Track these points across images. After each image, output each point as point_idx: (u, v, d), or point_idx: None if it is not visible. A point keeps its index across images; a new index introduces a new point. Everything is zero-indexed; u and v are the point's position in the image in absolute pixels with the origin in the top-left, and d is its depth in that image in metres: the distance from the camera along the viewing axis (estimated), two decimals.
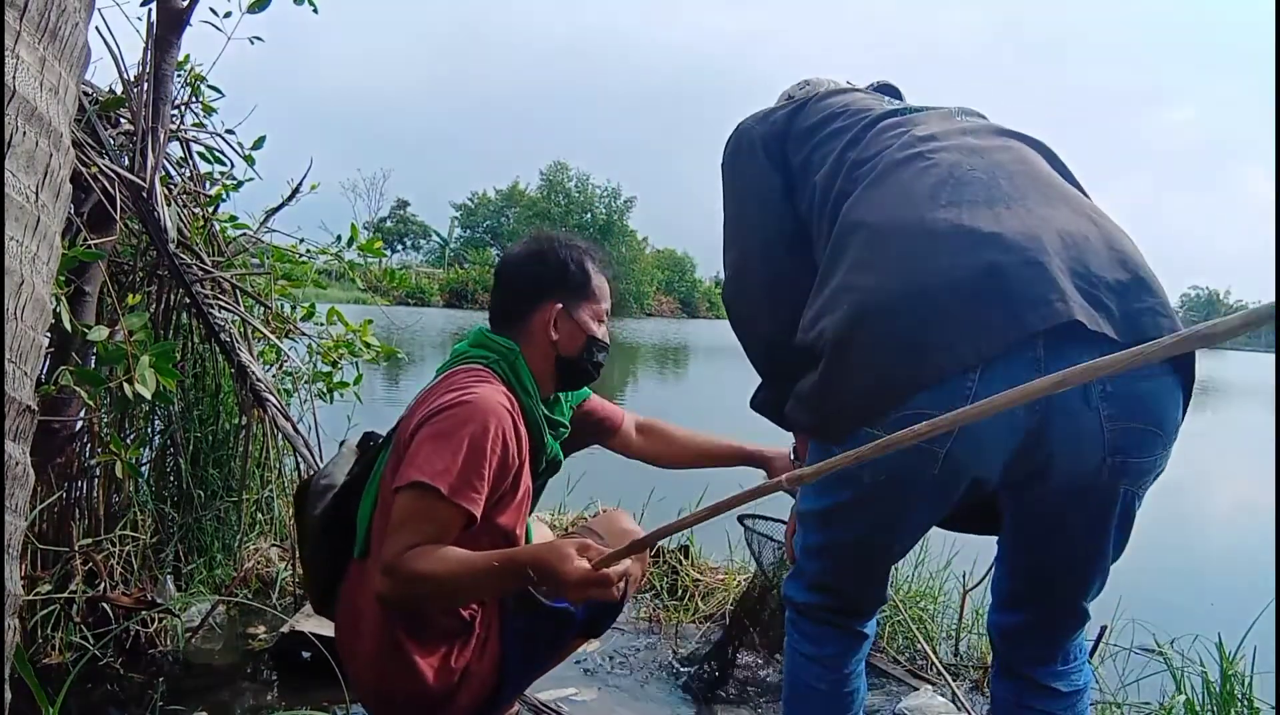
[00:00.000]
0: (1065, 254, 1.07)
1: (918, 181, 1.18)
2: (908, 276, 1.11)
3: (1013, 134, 1.30)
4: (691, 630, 2.39)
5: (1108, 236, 1.12)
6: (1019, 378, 0.95)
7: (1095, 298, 1.05)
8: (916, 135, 1.27)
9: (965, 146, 1.23)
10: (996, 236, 1.08)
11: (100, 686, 1.86)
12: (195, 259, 2.24)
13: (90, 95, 2.04)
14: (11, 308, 0.95)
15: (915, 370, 1.08)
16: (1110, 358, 0.69)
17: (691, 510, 2.95)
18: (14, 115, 0.95)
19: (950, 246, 1.09)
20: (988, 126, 1.31)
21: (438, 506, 1.31)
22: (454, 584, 1.28)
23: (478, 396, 1.39)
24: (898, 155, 1.24)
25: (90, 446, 2.20)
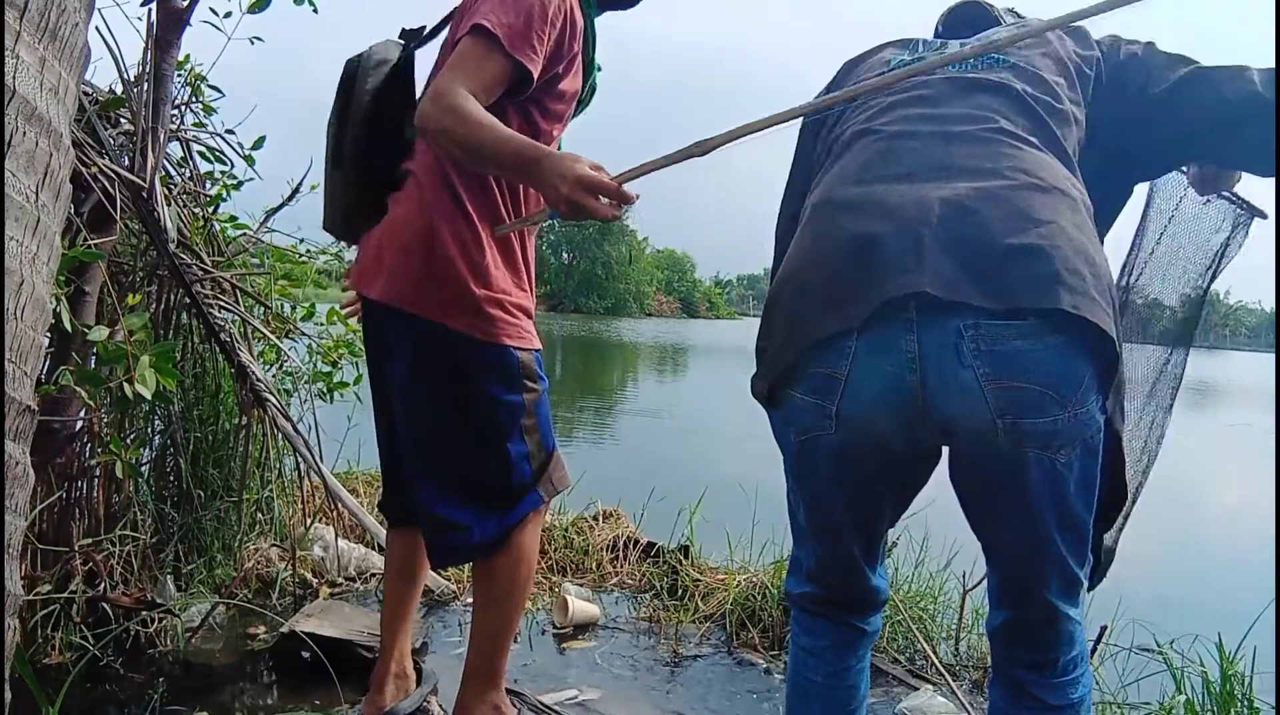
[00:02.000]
0: (949, 223, 1.09)
1: (858, 157, 1.26)
2: (813, 248, 1.21)
3: (997, 86, 1.27)
4: (691, 630, 2.39)
5: (1024, 208, 1.11)
6: (894, 341, 1.09)
7: (973, 267, 1.07)
8: (884, 104, 1.31)
9: (918, 116, 1.26)
10: (883, 206, 1.14)
11: (100, 686, 1.86)
12: (195, 259, 2.24)
13: (90, 95, 2.04)
14: (11, 308, 0.95)
15: (809, 329, 1.16)
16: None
17: (691, 510, 2.95)
18: (14, 115, 0.95)
19: (848, 218, 1.18)
20: (973, 82, 1.29)
21: (494, 54, 1.33)
22: (479, 136, 1.28)
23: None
24: (857, 128, 1.31)
25: (90, 446, 2.20)
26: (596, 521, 2.99)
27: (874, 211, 1.15)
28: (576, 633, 2.34)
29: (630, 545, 2.86)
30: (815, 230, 1.23)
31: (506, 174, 1.35)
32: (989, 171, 1.15)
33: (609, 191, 1.20)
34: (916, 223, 1.10)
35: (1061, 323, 1.05)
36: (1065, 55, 1.33)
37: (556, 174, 1.20)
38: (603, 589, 2.67)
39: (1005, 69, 1.30)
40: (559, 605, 2.41)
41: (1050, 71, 1.30)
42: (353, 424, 2.73)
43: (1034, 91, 1.26)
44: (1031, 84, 1.27)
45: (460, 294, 1.46)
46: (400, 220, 1.49)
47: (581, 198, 1.19)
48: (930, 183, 1.14)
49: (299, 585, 2.44)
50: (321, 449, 2.53)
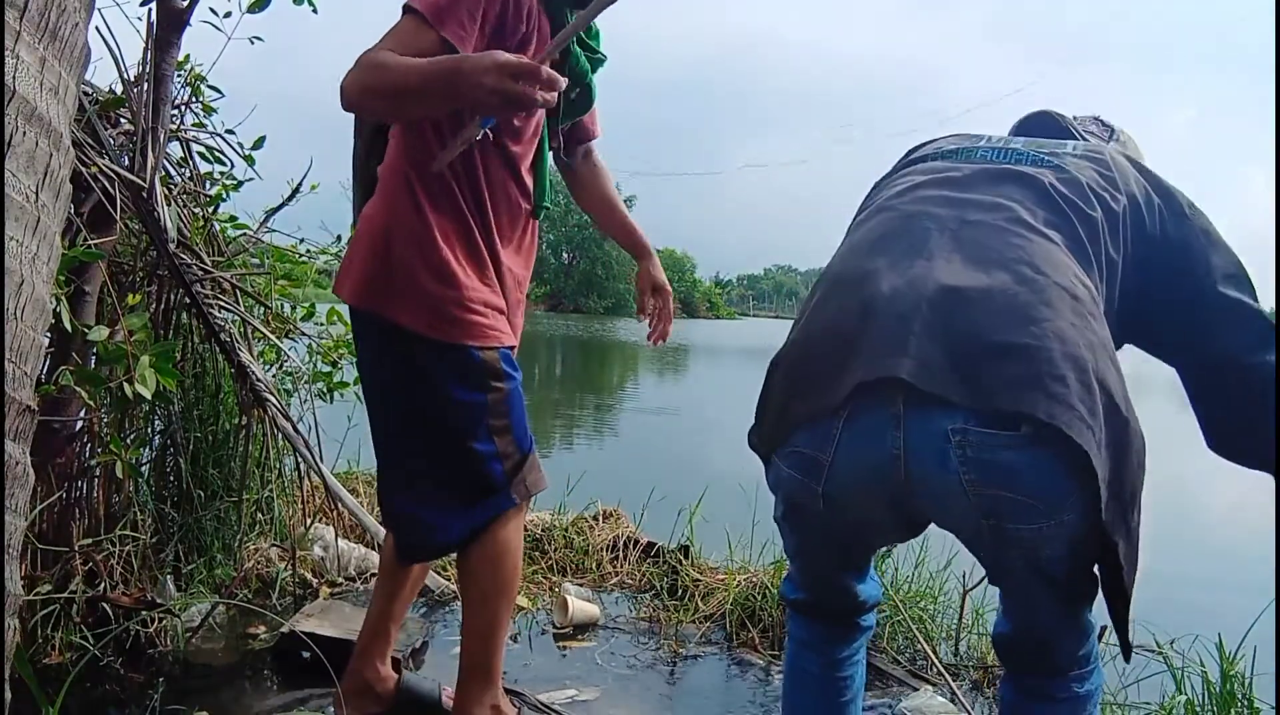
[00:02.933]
0: (941, 313, 1.07)
1: (871, 233, 1.25)
2: (810, 324, 1.22)
3: (1028, 179, 1.25)
4: (691, 630, 2.39)
5: (1019, 303, 1.07)
6: (880, 434, 1.08)
7: (960, 361, 1.04)
8: (909, 184, 1.31)
9: (940, 198, 1.24)
10: (880, 288, 1.12)
11: (100, 686, 1.85)
12: (195, 259, 2.24)
13: (90, 95, 2.04)
14: (11, 308, 0.95)
15: (797, 408, 1.17)
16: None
17: (691, 510, 2.95)
18: (14, 115, 0.95)
19: (846, 295, 1.17)
20: (1005, 172, 1.27)
21: (421, 29, 1.32)
22: (393, 75, 1.26)
23: None
24: (881, 202, 1.31)
25: (90, 446, 2.20)
26: (596, 521, 2.99)
27: (871, 292, 1.13)
28: (576, 633, 2.34)
29: (630, 545, 2.86)
30: (816, 305, 1.23)
31: (439, 100, 1.27)
32: (994, 262, 1.12)
33: (533, 73, 1.13)
34: (909, 309, 1.08)
35: (1048, 433, 1.02)
36: (1122, 182, 1.29)
37: (478, 70, 1.15)
38: (603, 589, 2.67)
39: (1047, 167, 1.28)
40: (559, 605, 2.41)
41: (1095, 182, 1.27)
42: (353, 424, 2.72)
43: (1065, 190, 1.24)
44: (1066, 184, 1.25)
45: (416, 292, 1.46)
46: (364, 222, 1.53)
47: (506, 85, 1.13)
48: (932, 268, 1.12)
49: (299, 585, 2.44)
50: (321, 449, 2.53)
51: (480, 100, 1.17)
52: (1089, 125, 1.56)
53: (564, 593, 2.45)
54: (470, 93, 1.16)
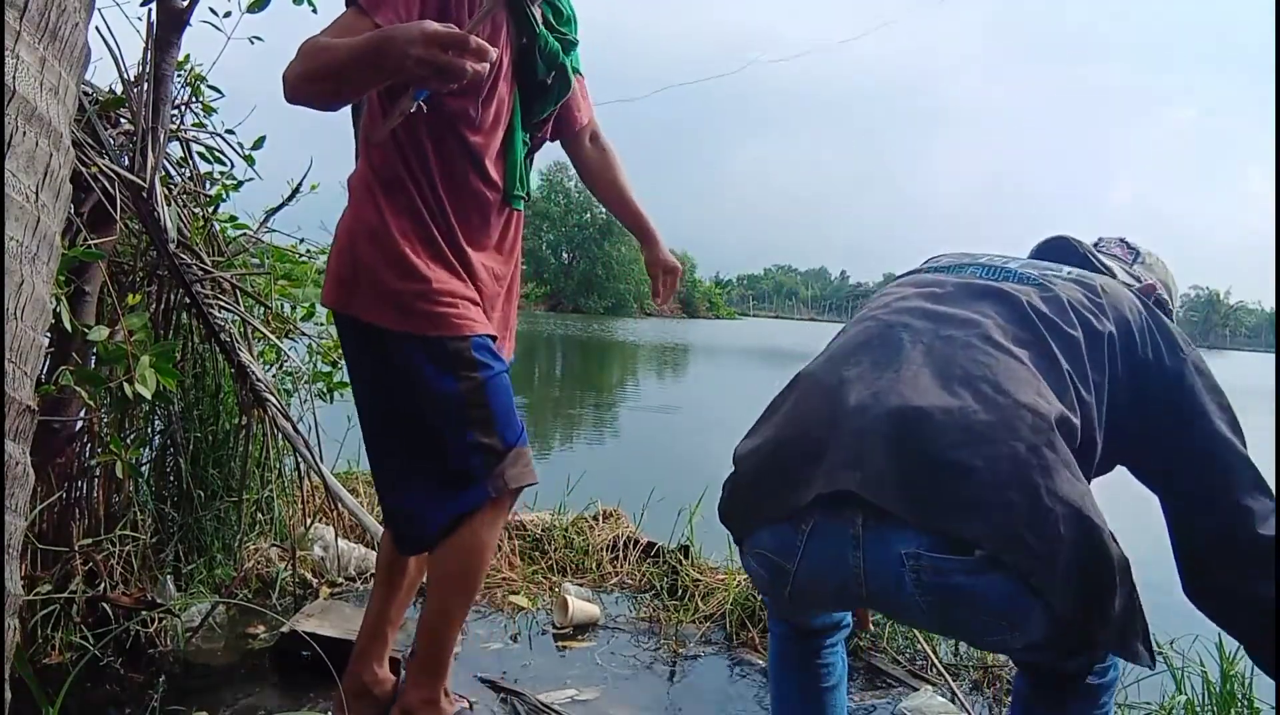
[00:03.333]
0: (900, 429, 1.07)
1: (850, 340, 1.27)
2: (780, 424, 1.23)
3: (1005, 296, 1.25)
4: (691, 630, 2.39)
5: (976, 423, 1.06)
6: (840, 552, 1.10)
7: (912, 479, 1.05)
8: (896, 296, 1.34)
9: (920, 311, 1.26)
10: (847, 398, 1.14)
11: (100, 686, 1.85)
12: (195, 259, 2.24)
13: (90, 95, 2.04)
14: (11, 308, 0.95)
15: (761, 508, 1.21)
16: None
17: (691, 510, 2.94)
18: (14, 115, 0.95)
19: (815, 401, 1.20)
20: (986, 289, 1.28)
21: (358, 19, 1.33)
22: (327, 55, 1.25)
23: None
24: (865, 311, 1.35)
25: (90, 446, 2.20)
26: (596, 521, 2.99)
27: (840, 401, 1.15)
28: (576, 633, 2.34)
29: (630, 545, 2.86)
30: (792, 405, 1.25)
31: (370, 74, 1.24)
32: (958, 378, 1.12)
33: (460, 42, 1.10)
34: (870, 423, 1.09)
35: (1001, 558, 1.01)
36: (1111, 307, 1.28)
37: (405, 40, 1.12)
38: (603, 589, 2.67)
39: (1032, 286, 1.29)
40: (559, 605, 2.41)
41: (1079, 302, 1.26)
42: (352, 424, 2.71)
43: (1044, 308, 1.24)
44: (1047, 302, 1.25)
45: (380, 289, 1.48)
46: (336, 230, 1.57)
47: (434, 54, 1.11)
48: (899, 382, 1.13)
49: (299, 585, 2.44)
50: (321, 449, 2.53)
51: (409, 70, 1.14)
52: (1113, 248, 1.57)
53: (564, 593, 2.45)
54: (398, 63, 1.14)
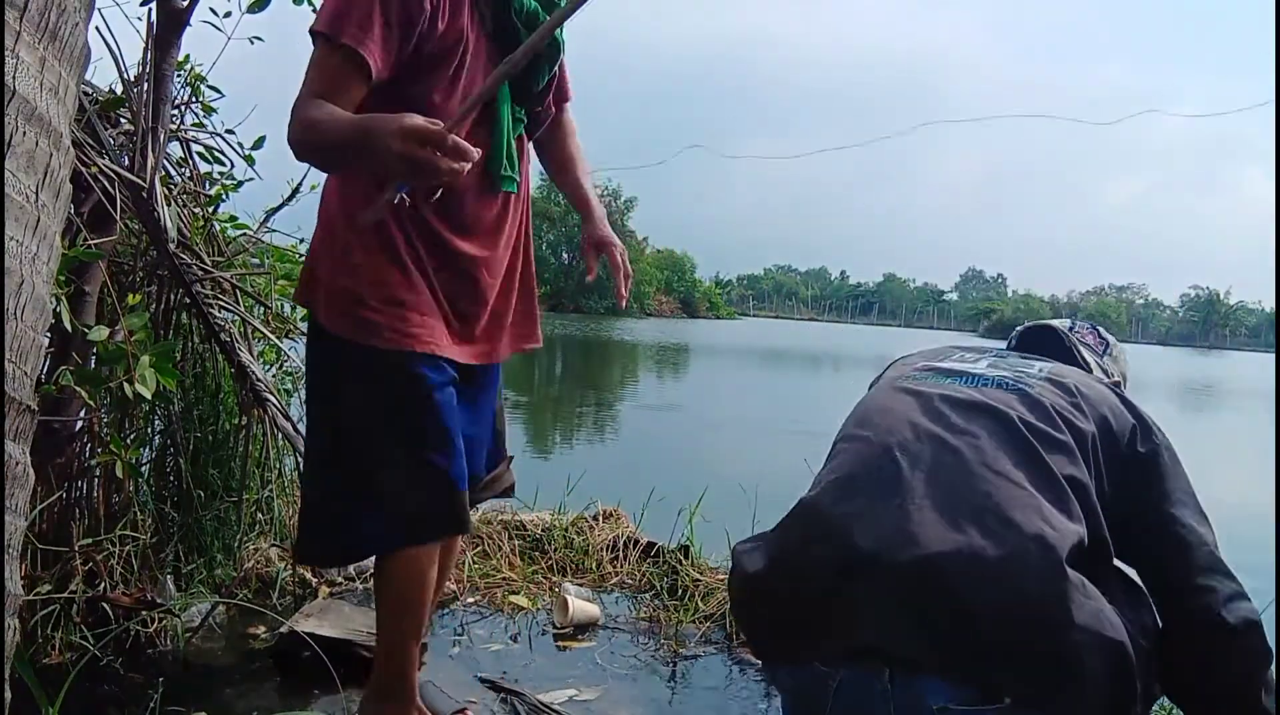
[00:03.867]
0: (913, 579, 1.09)
1: (848, 466, 1.27)
2: (793, 560, 1.23)
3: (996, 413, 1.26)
4: (691, 630, 2.39)
5: (990, 563, 1.08)
6: (869, 702, 1.11)
7: (931, 629, 1.07)
8: (881, 405, 1.35)
9: (910, 427, 1.26)
10: (857, 542, 1.14)
11: (100, 686, 1.85)
12: (195, 259, 2.24)
13: (90, 95, 2.04)
14: (11, 308, 0.95)
15: (786, 649, 1.23)
16: None
17: (691, 510, 2.94)
18: (14, 115, 0.95)
19: (826, 539, 1.19)
20: (975, 404, 1.28)
21: (330, 55, 1.29)
22: (320, 132, 1.25)
23: None
24: (854, 428, 1.35)
25: (90, 446, 2.20)
26: (596, 521, 2.99)
27: (850, 546, 1.15)
28: (576, 633, 2.34)
29: (630, 545, 2.86)
30: (799, 541, 1.24)
31: (359, 161, 1.26)
32: (963, 511, 1.13)
33: (439, 140, 1.09)
34: (885, 575, 1.11)
35: (1027, 700, 1.03)
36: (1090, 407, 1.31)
37: (385, 133, 1.11)
38: (603, 589, 2.67)
39: (1013, 392, 1.30)
40: (559, 605, 2.41)
41: (1059, 406, 1.29)
42: None
43: (1032, 419, 1.25)
44: (1034, 411, 1.26)
45: (325, 286, 1.47)
46: None
47: (413, 151, 1.09)
48: (907, 522, 1.13)
49: (299, 585, 2.44)
50: None
51: (389, 166, 1.14)
52: (1086, 337, 1.62)
53: (564, 593, 2.45)
54: (380, 157, 1.14)
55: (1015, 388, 1.31)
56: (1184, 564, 1.24)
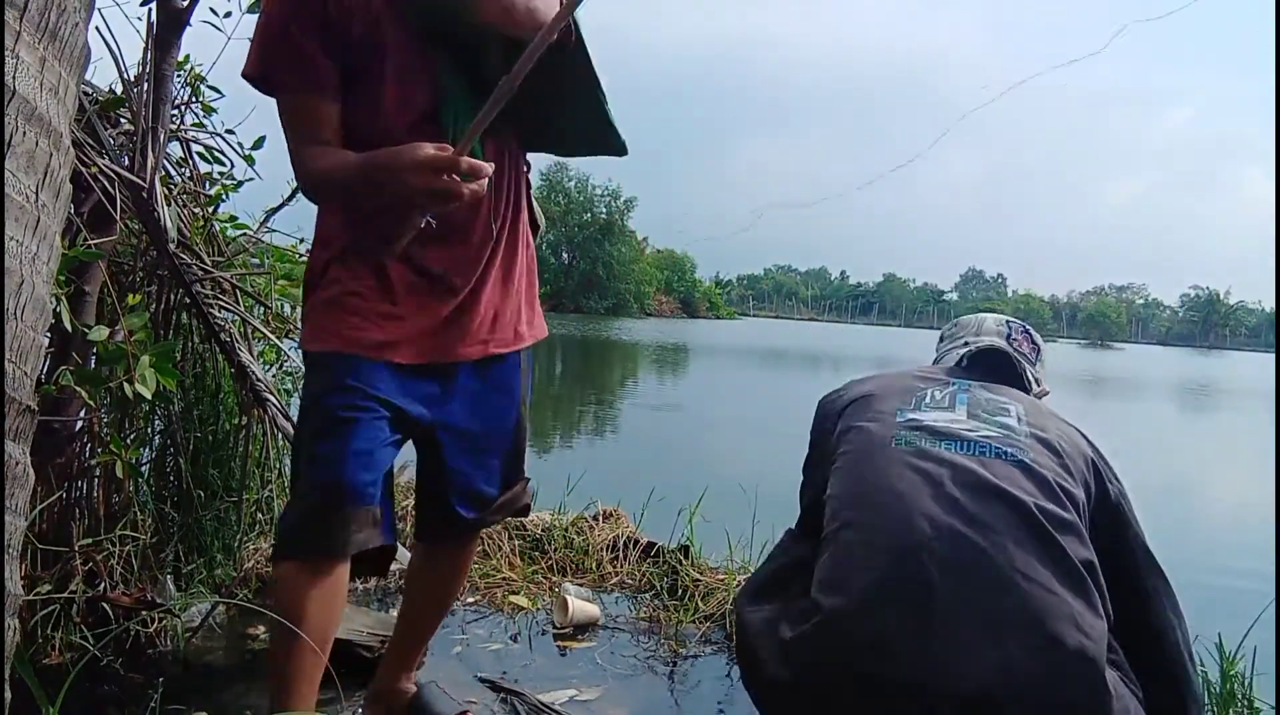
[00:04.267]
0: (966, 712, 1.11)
1: (865, 561, 1.25)
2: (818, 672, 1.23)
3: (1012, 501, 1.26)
4: (691, 630, 2.39)
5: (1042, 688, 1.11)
6: None
7: None
8: (883, 482, 1.33)
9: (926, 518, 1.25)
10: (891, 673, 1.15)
11: (100, 686, 1.85)
12: (195, 259, 2.24)
13: (90, 95, 2.04)
14: (11, 308, 0.95)
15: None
16: None
17: (691, 510, 2.94)
18: (14, 115, 0.95)
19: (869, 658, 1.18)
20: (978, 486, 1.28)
21: (284, 103, 1.31)
22: (331, 184, 1.29)
23: None
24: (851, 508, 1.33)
25: (90, 446, 2.20)
26: (596, 521, 2.99)
27: (882, 676, 1.16)
28: (576, 633, 2.34)
29: (630, 545, 2.86)
30: (823, 660, 1.23)
31: (378, 198, 1.22)
32: (1000, 623, 1.15)
33: (455, 166, 1.11)
34: (930, 707, 1.12)
35: None
36: (1075, 467, 1.36)
37: (400, 170, 1.14)
38: (603, 589, 2.67)
39: (1013, 464, 1.32)
40: (559, 605, 2.41)
41: (1058, 476, 1.31)
42: None
43: (1043, 503, 1.26)
44: (1040, 489, 1.28)
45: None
46: None
47: (433, 182, 1.12)
48: (943, 649, 1.14)
49: None
50: None
51: (410, 199, 1.17)
52: (1023, 346, 1.68)
53: (564, 593, 2.45)
54: (398, 191, 1.16)
55: (1015, 460, 1.32)
56: (1140, 579, 1.38)
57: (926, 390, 1.49)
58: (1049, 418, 1.47)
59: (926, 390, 1.49)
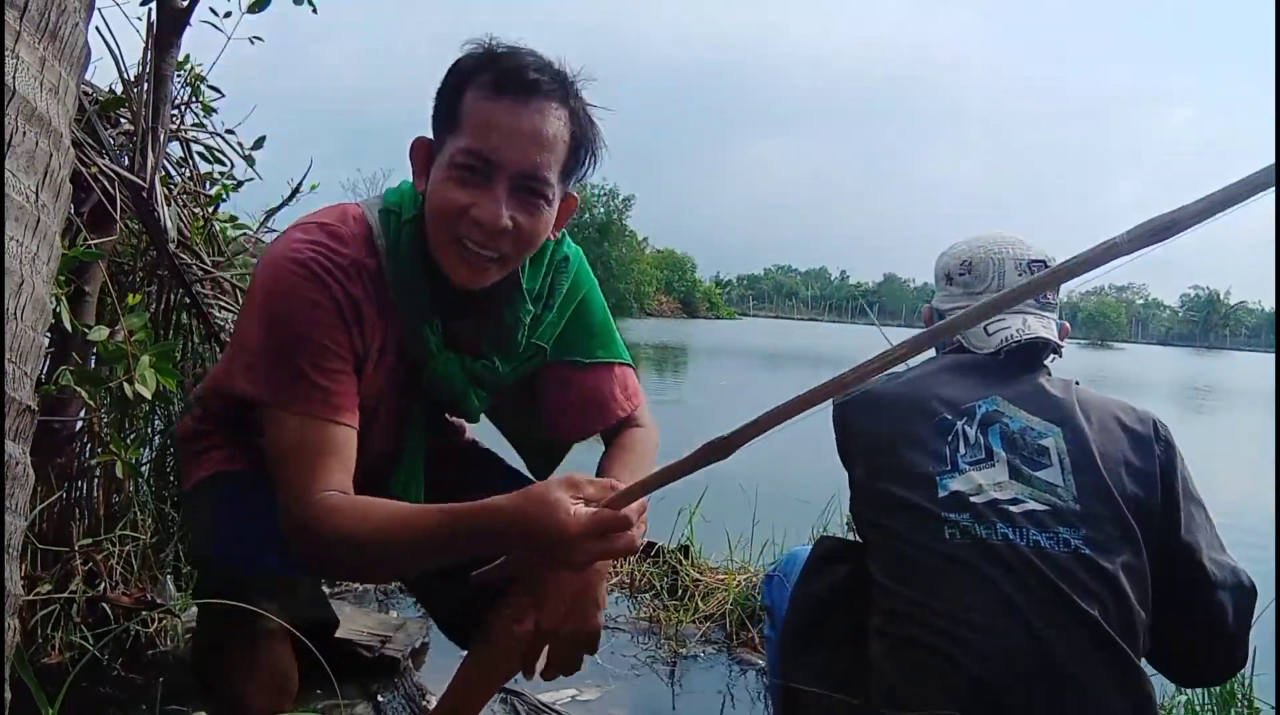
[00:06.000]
0: None
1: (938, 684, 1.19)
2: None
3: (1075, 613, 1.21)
4: (691, 630, 2.39)
5: None
6: None
7: None
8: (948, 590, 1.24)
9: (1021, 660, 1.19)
10: None
11: (100, 686, 1.85)
12: (195, 259, 2.24)
13: (90, 95, 2.04)
14: (11, 308, 0.94)
15: None
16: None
17: (691, 510, 2.94)
18: (14, 115, 0.95)
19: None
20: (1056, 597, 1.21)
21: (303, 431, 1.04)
22: (387, 549, 0.98)
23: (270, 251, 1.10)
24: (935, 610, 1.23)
25: (90, 446, 2.20)
26: None
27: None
28: None
29: None
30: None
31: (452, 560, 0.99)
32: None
33: (620, 523, 0.88)
34: None
35: None
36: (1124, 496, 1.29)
37: (559, 544, 0.88)
38: None
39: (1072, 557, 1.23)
40: None
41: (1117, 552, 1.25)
42: None
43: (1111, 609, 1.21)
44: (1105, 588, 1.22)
45: None
46: None
47: (606, 548, 0.89)
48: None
49: None
50: None
51: (574, 568, 0.94)
52: (1049, 297, 1.51)
53: None
54: (554, 560, 0.92)
55: (1071, 549, 1.23)
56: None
57: (955, 425, 1.34)
58: (1083, 427, 1.33)
59: (955, 425, 1.34)
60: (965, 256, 1.52)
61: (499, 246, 1.10)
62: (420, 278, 1.15)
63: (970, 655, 1.18)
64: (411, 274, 1.15)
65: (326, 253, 1.09)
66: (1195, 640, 1.31)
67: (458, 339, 1.22)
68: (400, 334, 1.17)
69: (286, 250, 1.09)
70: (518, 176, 1.08)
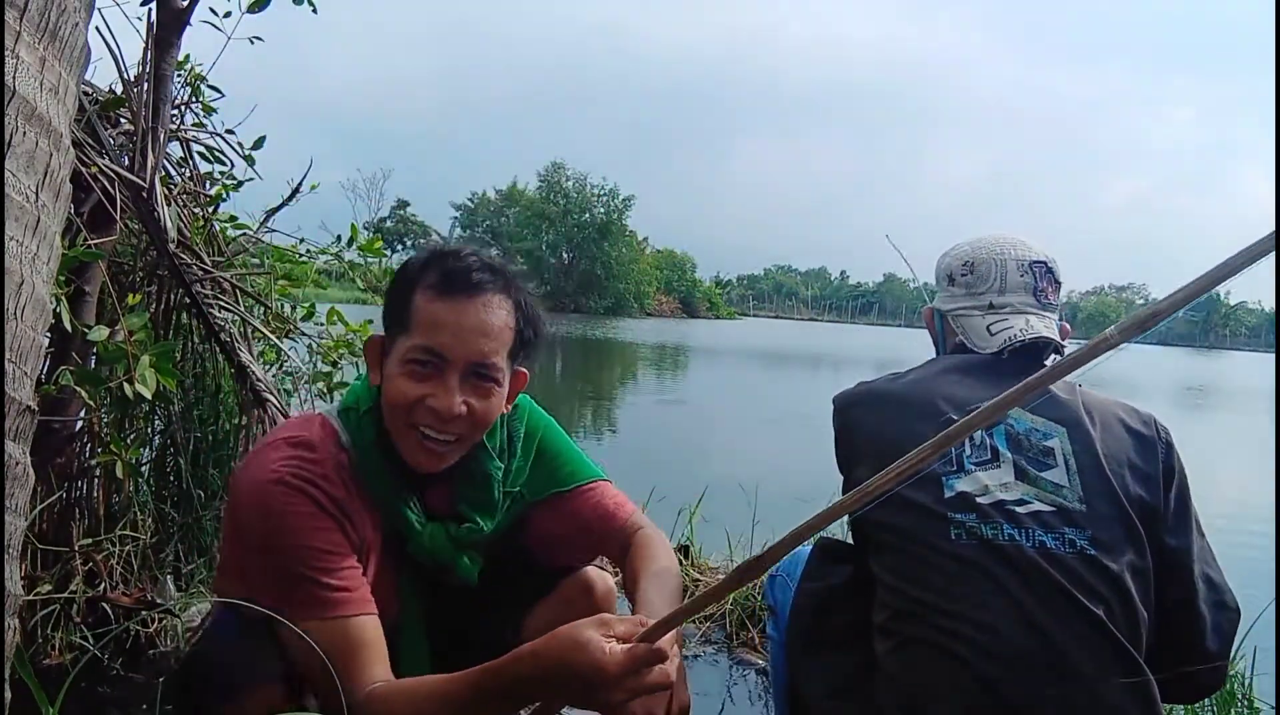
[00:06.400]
0: None
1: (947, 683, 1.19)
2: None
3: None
4: (691, 630, 2.39)
5: None
6: None
7: None
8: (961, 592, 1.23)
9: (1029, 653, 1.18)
10: None
11: (100, 686, 1.85)
12: (195, 259, 2.24)
13: (90, 95, 2.04)
14: (11, 308, 0.95)
15: None
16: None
17: (690, 511, 2.92)
18: (14, 115, 0.95)
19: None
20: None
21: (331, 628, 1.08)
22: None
23: (246, 476, 1.13)
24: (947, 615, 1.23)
25: (90, 446, 2.20)
26: None
27: None
28: None
29: None
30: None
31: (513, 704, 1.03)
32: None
33: (656, 657, 0.89)
34: None
35: None
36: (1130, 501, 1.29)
37: (580, 679, 0.89)
38: None
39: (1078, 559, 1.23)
40: None
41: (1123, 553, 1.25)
42: None
43: (1117, 610, 1.21)
44: (1111, 592, 1.22)
45: None
46: None
47: (633, 686, 0.89)
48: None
49: None
50: None
51: (608, 708, 0.93)
52: (1049, 295, 1.50)
53: None
54: (589, 704, 0.93)
55: (1078, 551, 1.23)
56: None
57: (965, 443, 1.32)
58: (1087, 428, 1.33)
59: (965, 443, 1.32)
60: (967, 257, 1.52)
61: (455, 430, 1.18)
62: (386, 462, 1.21)
63: (977, 654, 1.18)
64: (378, 461, 1.21)
65: (301, 464, 1.14)
66: (1173, 649, 1.29)
67: (438, 508, 1.28)
68: (385, 519, 1.23)
69: (265, 473, 1.12)
70: (468, 367, 1.17)
